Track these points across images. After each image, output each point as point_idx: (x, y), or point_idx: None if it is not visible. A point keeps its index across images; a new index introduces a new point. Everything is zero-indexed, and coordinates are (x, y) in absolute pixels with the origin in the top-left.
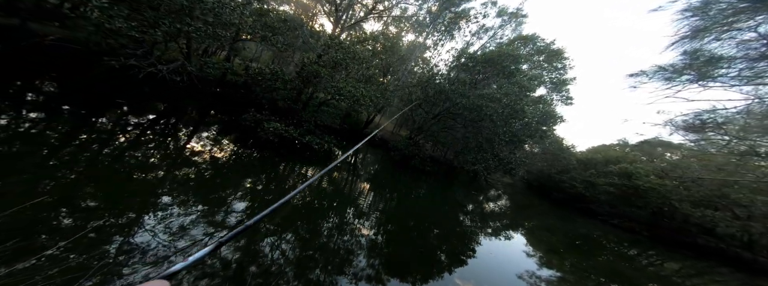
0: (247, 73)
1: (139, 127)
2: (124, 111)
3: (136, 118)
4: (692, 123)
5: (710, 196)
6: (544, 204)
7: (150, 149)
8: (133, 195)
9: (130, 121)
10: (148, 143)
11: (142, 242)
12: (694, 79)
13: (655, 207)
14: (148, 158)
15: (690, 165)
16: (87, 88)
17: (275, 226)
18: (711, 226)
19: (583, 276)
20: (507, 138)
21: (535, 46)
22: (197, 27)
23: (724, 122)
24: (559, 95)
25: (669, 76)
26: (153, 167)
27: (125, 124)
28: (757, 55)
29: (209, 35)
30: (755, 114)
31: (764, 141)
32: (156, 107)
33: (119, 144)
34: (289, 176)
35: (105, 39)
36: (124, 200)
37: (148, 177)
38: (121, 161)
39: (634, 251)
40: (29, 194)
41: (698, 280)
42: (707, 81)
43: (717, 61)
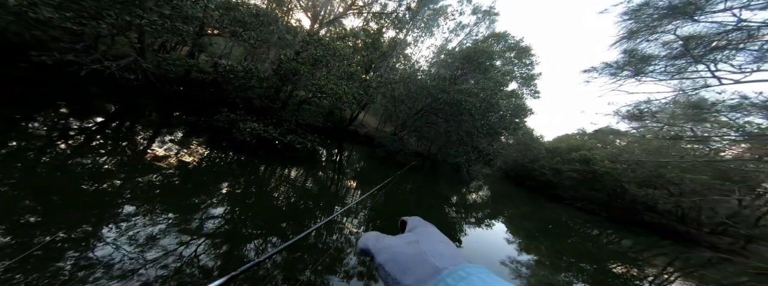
0: (216, 70)
1: (87, 131)
2: (65, 113)
3: (81, 121)
4: (633, 112)
5: (650, 176)
6: (519, 192)
7: (102, 156)
8: (87, 207)
9: (75, 125)
10: (98, 149)
11: (103, 256)
12: (632, 74)
13: (609, 189)
14: (100, 166)
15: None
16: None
17: (258, 229)
18: (653, 203)
19: (557, 258)
20: (485, 131)
21: (507, 43)
22: (151, 20)
23: (657, 111)
24: (529, 90)
25: (614, 71)
26: (107, 176)
27: (68, 128)
28: (676, 54)
29: (167, 29)
30: (680, 104)
31: (687, 127)
32: (105, 109)
33: (63, 151)
34: (270, 178)
35: (29, 30)
36: (76, 213)
37: (102, 187)
38: (67, 171)
39: (595, 231)
40: None
41: (648, 253)
42: (641, 76)
43: (647, 59)
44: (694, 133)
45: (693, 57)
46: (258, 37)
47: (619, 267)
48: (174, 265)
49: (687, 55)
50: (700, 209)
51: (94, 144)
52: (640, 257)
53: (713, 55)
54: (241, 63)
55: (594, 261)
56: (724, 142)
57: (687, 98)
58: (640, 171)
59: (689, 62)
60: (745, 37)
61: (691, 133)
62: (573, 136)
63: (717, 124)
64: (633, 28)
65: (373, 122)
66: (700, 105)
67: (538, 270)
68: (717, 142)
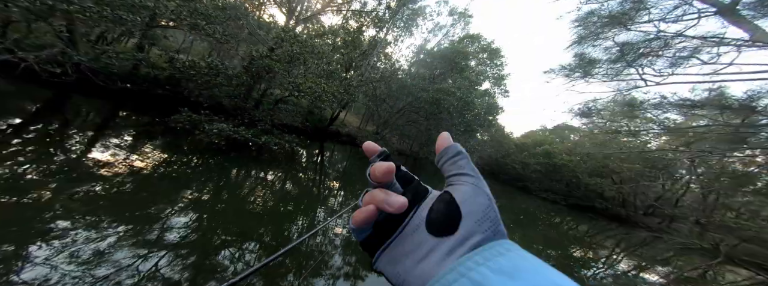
0: (172, 66)
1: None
2: None
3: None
4: (583, 110)
5: (598, 167)
6: (494, 186)
7: (23, 164)
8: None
9: None
10: (16, 156)
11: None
12: (582, 76)
13: (567, 180)
14: (21, 176)
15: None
16: None
17: (234, 236)
18: (601, 191)
19: (528, 246)
20: (462, 128)
21: (480, 44)
22: (84, 6)
23: (601, 109)
24: (499, 89)
25: (567, 73)
26: (34, 186)
27: None
28: (615, 58)
29: (105, 17)
30: (618, 102)
31: (623, 123)
32: (22, 108)
33: None
34: (244, 183)
35: None
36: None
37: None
38: None
39: (557, 219)
40: None
41: (600, 236)
42: (589, 78)
43: (593, 62)
44: (628, 128)
45: (626, 61)
46: (224, 32)
47: (578, 251)
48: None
49: (622, 59)
50: (636, 195)
51: (11, 150)
52: (594, 241)
53: (641, 60)
54: (205, 59)
55: (558, 247)
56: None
57: (623, 98)
58: (590, 162)
59: (624, 66)
60: (662, 46)
61: (626, 128)
62: (537, 132)
63: (644, 120)
64: (582, 34)
65: (355, 121)
66: (632, 103)
67: None
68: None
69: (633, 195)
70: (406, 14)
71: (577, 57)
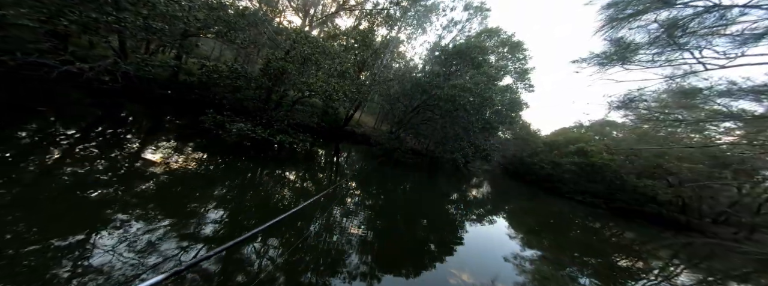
0: (201, 71)
1: (74, 139)
2: (51, 121)
3: (67, 128)
4: (624, 102)
5: (647, 167)
6: (519, 187)
7: (92, 164)
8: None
9: (62, 132)
10: (88, 157)
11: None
12: (619, 63)
13: (609, 181)
14: (91, 174)
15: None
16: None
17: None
18: (652, 194)
19: (561, 252)
20: (480, 126)
21: (499, 38)
22: (120, 18)
23: (648, 100)
24: (523, 84)
25: (601, 61)
26: (99, 184)
27: (56, 135)
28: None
29: (142, 28)
30: (671, 91)
31: (680, 115)
32: (92, 113)
33: (54, 160)
34: (263, 179)
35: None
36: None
37: (93, 195)
38: (57, 179)
39: (597, 224)
40: None
41: (651, 245)
42: (629, 65)
43: (632, 47)
44: (687, 121)
45: (677, 44)
46: (246, 38)
47: (625, 260)
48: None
49: (671, 42)
50: (701, 199)
51: (82, 153)
52: (645, 250)
53: (697, 42)
54: (226, 63)
55: (598, 255)
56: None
57: (677, 85)
58: (637, 162)
59: (674, 49)
60: (724, 22)
61: (684, 120)
62: (570, 130)
63: (710, 110)
64: (612, 16)
65: (370, 121)
66: (691, 92)
67: (541, 265)
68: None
69: (697, 199)
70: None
71: (610, 42)
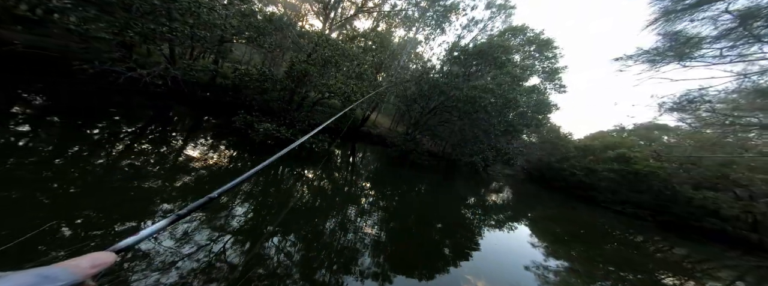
0: (234, 75)
1: (133, 135)
2: (115, 120)
3: (128, 127)
4: (681, 103)
5: (709, 177)
6: (545, 194)
7: (146, 158)
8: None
9: (124, 130)
10: (143, 152)
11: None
12: (675, 59)
13: (656, 191)
14: (140, 166)
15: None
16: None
17: (277, 227)
18: (714, 208)
19: (592, 265)
20: (502, 128)
21: (526, 36)
22: (173, 27)
23: (714, 101)
24: (552, 84)
25: (652, 58)
26: (147, 176)
27: (119, 133)
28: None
29: (188, 36)
30: (744, 91)
31: (757, 118)
32: (146, 115)
33: (116, 153)
34: (285, 175)
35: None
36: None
37: (142, 185)
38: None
39: (640, 238)
40: None
41: (709, 264)
42: (688, 61)
43: (694, 41)
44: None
45: (754, 36)
46: (273, 42)
47: (671, 278)
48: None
49: (745, 34)
50: None
51: (140, 148)
52: (700, 268)
53: None
54: (256, 67)
55: (638, 270)
56: None
57: (752, 84)
58: (695, 171)
59: (750, 42)
60: None
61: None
62: (609, 134)
63: None
64: (667, 8)
65: (386, 123)
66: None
67: (568, 277)
68: None
69: None
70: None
71: (665, 37)
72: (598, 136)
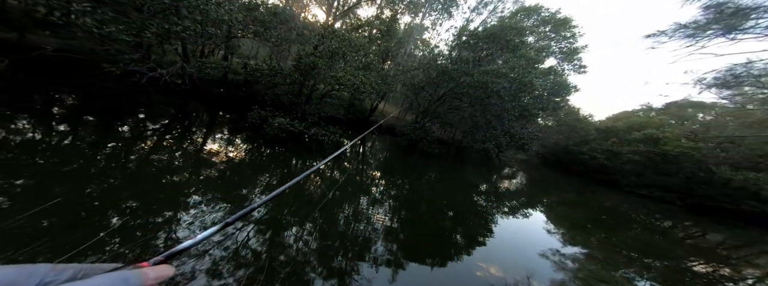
0: (245, 70)
1: (157, 132)
2: (141, 118)
3: (153, 124)
4: (724, 79)
5: (751, 156)
6: (562, 179)
7: (169, 152)
8: (165, 195)
9: (149, 127)
10: (166, 147)
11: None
12: (721, 32)
13: (688, 173)
14: (169, 161)
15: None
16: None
17: (291, 216)
18: (755, 189)
19: (614, 252)
20: (517, 113)
21: (540, 16)
22: (185, 26)
23: (761, 75)
24: (571, 65)
25: (691, 32)
26: (174, 169)
27: (145, 130)
28: None
29: (199, 34)
30: None
31: None
32: (167, 112)
33: (143, 149)
34: (299, 168)
35: (101, 46)
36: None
37: (171, 177)
38: (149, 164)
39: (667, 223)
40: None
41: (747, 250)
42: (736, 34)
43: (744, 12)
44: None
45: None
46: (279, 36)
47: (703, 266)
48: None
49: None
50: None
51: (165, 143)
52: (736, 255)
53: None
54: (266, 61)
55: (665, 257)
56: None
57: None
58: (735, 150)
59: None
60: None
61: None
62: (634, 114)
63: None
64: None
65: (394, 112)
66: None
67: (587, 264)
68: None
69: None
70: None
71: (710, 9)
72: (621, 116)
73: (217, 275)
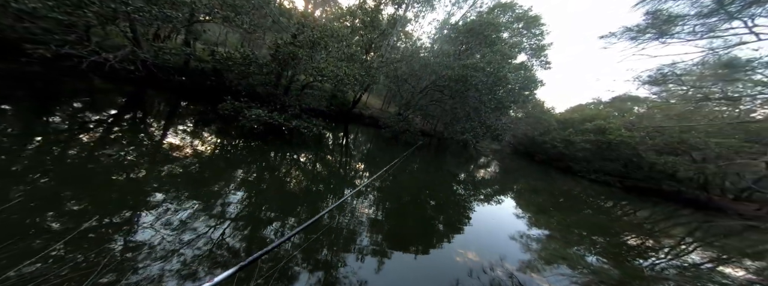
0: (213, 58)
1: (105, 124)
2: (79, 108)
3: (96, 114)
4: (655, 77)
5: (671, 143)
6: (530, 166)
7: (123, 147)
8: (120, 194)
9: (92, 118)
10: (119, 140)
11: (144, 239)
12: (655, 36)
13: (625, 159)
14: (124, 157)
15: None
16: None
17: (275, 212)
18: (672, 171)
19: (569, 231)
20: (492, 105)
21: (514, 13)
22: (137, 7)
23: (682, 74)
24: (538, 61)
25: (634, 35)
26: (132, 166)
27: (87, 122)
28: (708, 11)
29: (154, 16)
30: (709, 64)
31: (716, 88)
32: (115, 102)
33: (87, 143)
34: (281, 163)
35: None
36: (110, 200)
37: (129, 176)
38: (95, 161)
39: (609, 203)
40: None
41: (665, 224)
42: (666, 38)
43: (674, 19)
44: (724, 94)
45: (727, 13)
46: (251, 22)
47: (634, 239)
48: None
49: (720, 11)
50: (725, 175)
51: (114, 137)
52: (657, 228)
53: (752, 10)
54: (238, 49)
55: (607, 234)
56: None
57: (717, 58)
58: (659, 138)
59: (723, 19)
60: None
61: (720, 94)
62: (587, 107)
63: (750, 82)
64: None
65: (378, 103)
66: (733, 64)
67: (549, 244)
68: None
69: (721, 176)
70: None
71: (649, 15)
72: (577, 109)
73: None
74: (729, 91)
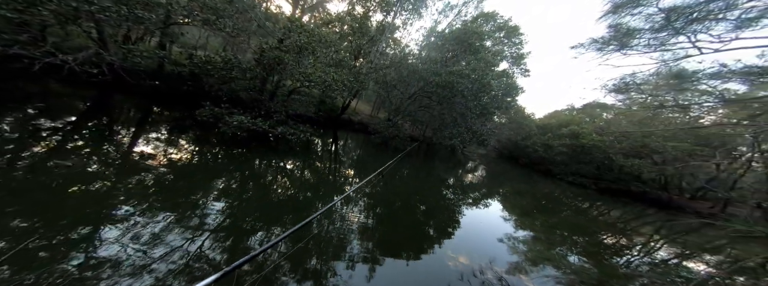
0: (192, 62)
1: (62, 131)
2: (32, 114)
3: (52, 121)
4: (619, 85)
5: (635, 147)
6: (513, 170)
7: (84, 157)
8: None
9: (46, 125)
10: (79, 149)
11: (110, 255)
12: (617, 48)
13: (598, 162)
14: (84, 167)
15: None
16: None
17: (260, 222)
18: (638, 173)
19: (552, 232)
20: (478, 111)
21: (496, 23)
22: (103, 6)
23: (641, 83)
24: (519, 69)
25: (600, 46)
26: (93, 177)
27: (41, 129)
28: (659, 26)
29: (124, 17)
30: (662, 75)
31: (669, 97)
32: (76, 107)
33: (38, 153)
34: (266, 171)
35: None
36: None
37: (89, 188)
38: (48, 173)
39: (586, 204)
40: None
41: (635, 223)
42: (626, 50)
43: (632, 33)
44: (675, 102)
45: (674, 29)
46: (235, 26)
47: (610, 238)
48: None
49: (668, 27)
50: (682, 176)
51: (72, 146)
52: (629, 227)
53: (694, 27)
54: (220, 54)
55: (586, 234)
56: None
57: (669, 69)
58: (625, 142)
59: (671, 34)
60: (724, 7)
61: (672, 102)
62: (563, 112)
63: (697, 92)
64: (618, 2)
65: (367, 109)
66: (681, 75)
67: (534, 245)
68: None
69: (678, 177)
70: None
71: (612, 28)
72: (554, 115)
73: None
74: (680, 99)
